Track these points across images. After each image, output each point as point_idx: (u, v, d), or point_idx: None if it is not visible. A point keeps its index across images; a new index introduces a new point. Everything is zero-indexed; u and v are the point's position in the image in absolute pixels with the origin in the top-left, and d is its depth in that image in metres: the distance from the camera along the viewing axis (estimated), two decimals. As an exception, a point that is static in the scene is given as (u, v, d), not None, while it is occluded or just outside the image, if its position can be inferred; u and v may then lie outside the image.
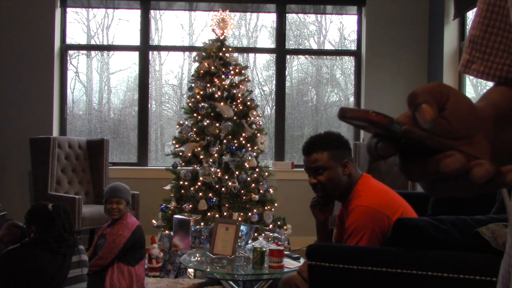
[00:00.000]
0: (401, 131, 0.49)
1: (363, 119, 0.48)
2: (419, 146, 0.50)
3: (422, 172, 0.50)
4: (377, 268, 1.73)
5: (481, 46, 0.72)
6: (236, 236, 2.92)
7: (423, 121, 0.49)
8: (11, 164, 5.33)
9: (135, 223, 3.47)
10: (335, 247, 1.95)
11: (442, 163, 0.48)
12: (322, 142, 2.19)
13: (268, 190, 4.72)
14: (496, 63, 0.71)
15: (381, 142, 0.50)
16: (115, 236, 3.37)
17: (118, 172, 5.39)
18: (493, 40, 0.71)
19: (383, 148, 0.50)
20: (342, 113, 0.49)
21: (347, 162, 2.18)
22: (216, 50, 4.82)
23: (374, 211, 2.00)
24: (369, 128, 0.50)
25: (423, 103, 0.50)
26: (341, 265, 1.76)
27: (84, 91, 5.89)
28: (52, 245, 2.66)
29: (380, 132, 0.50)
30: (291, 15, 5.90)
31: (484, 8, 0.71)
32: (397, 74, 5.51)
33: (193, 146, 4.65)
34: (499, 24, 0.70)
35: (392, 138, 0.50)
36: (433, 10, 5.40)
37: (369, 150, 0.51)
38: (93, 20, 5.89)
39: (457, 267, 1.68)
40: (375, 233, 1.98)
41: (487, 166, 0.47)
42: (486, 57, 0.71)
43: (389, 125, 0.48)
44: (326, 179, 2.16)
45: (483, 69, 0.72)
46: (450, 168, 0.47)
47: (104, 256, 3.35)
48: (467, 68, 0.74)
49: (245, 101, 4.79)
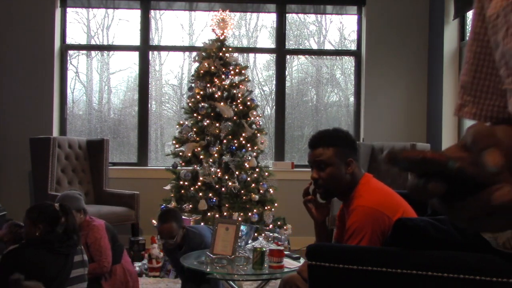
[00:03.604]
0: (457, 168, 0.49)
1: (418, 159, 0.49)
2: (468, 183, 0.50)
3: (471, 208, 0.51)
4: (377, 268, 1.73)
5: (471, 90, 0.78)
6: (236, 236, 2.92)
7: (492, 165, 0.50)
8: (11, 164, 5.33)
9: (102, 222, 3.36)
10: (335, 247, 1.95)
11: (494, 195, 0.49)
12: (329, 138, 2.18)
13: (268, 190, 4.72)
14: (487, 105, 0.76)
15: (433, 182, 0.50)
16: (97, 241, 3.21)
17: (118, 172, 5.39)
18: (482, 84, 0.76)
19: (436, 187, 0.50)
20: (391, 156, 0.50)
21: (351, 161, 2.16)
22: (216, 50, 4.82)
23: (375, 211, 2.00)
24: (415, 169, 0.50)
25: (492, 146, 0.51)
26: (341, 265, 1.76)
27: (84, 91, 5.89)
28: (55, 245, 2.64)
29: (430, 171, 0.50)
30: (291, 15, 5.90)
31: (471, 56, 0.77)
32: (397, 74, 5.51)
33: (193, 146, 4.65)
34: (486, 69, 0.76)
35: (441, 177, 0.50)
36: (433, 10, 5.40)
37: (417, 190, 0.51)
38: (93, 20, 5.90)
39: (457, 267, 1.68)
40: (376, 233, 1.97)
41: None
42: (477, 100, 0.77)
43: (446, 163, 0.49)
44: (328, 175, 2.15)
45: (475, 111, 0.77)
46: (503, 199, 0.48)
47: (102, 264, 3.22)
48: (461, 111, 0.80)
49: (245, 101, 4.79)
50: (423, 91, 5.49)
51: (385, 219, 1.99)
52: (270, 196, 4.72)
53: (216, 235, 2.94)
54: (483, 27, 0.75)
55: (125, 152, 5.82)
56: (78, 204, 3.26)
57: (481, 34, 0.75)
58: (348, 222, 2.05)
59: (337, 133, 2.23)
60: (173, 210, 3.43)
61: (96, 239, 3.22)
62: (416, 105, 5.50)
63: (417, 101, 5.50)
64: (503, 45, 0.68)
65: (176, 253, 3.17)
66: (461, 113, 0.79)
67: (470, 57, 0.77)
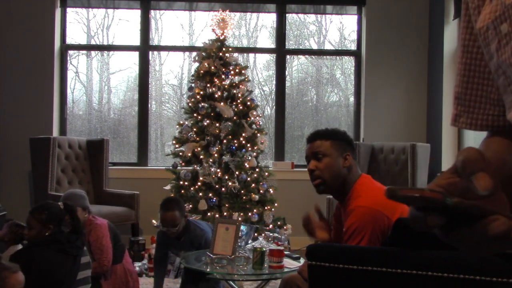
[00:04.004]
0: (453, 204, 0.51)
1: (416, 197, 0.50)
2: (465, 215, 0.52)
3: (469, 237, 0.54)
4: (377, 268, 1.73)
5: (464, 101, 0.81)
6: (236, 236, 2.92)
7: (483, 189, 0.52)
8: (11, 164, 5.33)
9: (105, 221, 3.39)
10: (335, 247, 1.95)
11: (491, 226, 0.52)
12: (326, 132, 2.23)
13: (268, 190, 4.72)
14: (481, 114, 0.79)
15: (431, 216, 0.52)
16: (98, 239, 3.23)
17: (118, 172, 5.39)
18: (475, 94, 0.79)
19: (435, 221, 0.52)
20: (391, 193, 0.51)
21: (349, 155, 2.17)
22: (216, 50, 4.82)
23: (374, 211, 2.00)
24: (416, 202, 0.52)
25: (481, 171, 0.53)
26: (341, 265, 1.76)
27: (84, 91, 5.89)
28: (65, 245, 2.60)
29: (428, 206, 0.52)
30: (291, 15, 5.90)
31: (462, 67, 0.79)
32: (397, 74, 5.51)
33: (193, 146, 4.65)
34: (477, 80, 0.78)
35: (439, 210, 0.52)
36: (433, 10, 5.40)
37: (417, 223, 0.53)
38: (93, 20, 5.90)
39: (457, 267, 1.68)
40: (375, 233, 1.97)
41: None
42: (471, 110, 0.80)
43: (443, 201, 0.51)
44: (325, 165, 2.15)
45: (470, 121, 0.80)
46: (499, 230, 0.52)
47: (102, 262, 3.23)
48: (457, 121, 0.83)
49: (245, 101, 4.79)
50: (423, 91, 5.49)
51: (384, 219, 1.99)
52: (270, 196, 4.72)
53: (216, 235, 2.94)
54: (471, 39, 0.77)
55: (125, 152, 5.82)
56: (83, 202, 3.32)
57: (469, 46, 0.78)
58: (347, 222, 2.05)
59: (335, 129, 2.28)
60: (176, 199, 3.42)
61: (98, 237, 3.24)
62: (416, 105, 5.50)
63: (417, 101, 5.50)
64: (498, 56, 0.69)
65: (174, 243, 3.18)
66: (457, 124, 0.82)
67: (461, 68, 0.79)
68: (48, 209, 2.68)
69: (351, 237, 1.99)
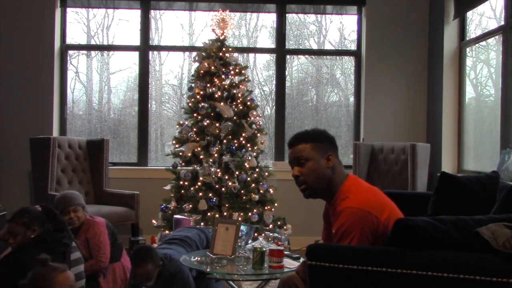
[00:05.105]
0: None
1: None
2: None
3: None
4: (377, 268, 1.73)
5: None
6: (236, 236, 2.92)
7: None
8: (11, 164, 5.33)
9: (102, 219, 3.40)
10: (335, 247, 1.95)
11: None
12: (306, 135, 2.19)
13: (268, 190, 4.72)
14: None
15: None
16: (96, 236, 3.26)
17: (118, 172, 5.39)
18: None
19: None
20: None
21: (331, 155, 2.15)
22: (216, 50, 4.82)
23: (362, 212, 1.99)
24: None
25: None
26: (341, 265, 1.76)
27: (84, 91, 5.89)
28: (52, 244, 2.66)
29: None
30: (291, 15, 5.90)
31: None
32: (397, 74, 5.51)
33: (193, 146, 4.65)
34: None
35: None
36: (433, 10, 5.40)
37: None
38: (93, 20, 5.90)
39: (457, 267, 1.68)
40: (365, 233, 1.96)
41: None
42: None
43: None
44: (309, 170, 2.13)
45: None
46: None
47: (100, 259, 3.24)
48: None
49: (245, 101, 4.79)
50: (423, 91, 5.49)
51: (373, 219, 1.98)
52: (270, 196, 4.72)
53: (216, 235, 2.94)
54: None
55: (125, 152, 5.82)
56: (82, 201, 3.39)
57: None
58: (336, 224, 2.03)
59: (314, 130, 2.24)
60: (147, 250, 2.93)
61: (96, 234, 3.27)
62: (416, 105, 5.50)
63: (417, 101, 5.50)
64: None
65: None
66: None
67: None
68: (28, 212, 2.76)
69: (341, 238, 1.99)
